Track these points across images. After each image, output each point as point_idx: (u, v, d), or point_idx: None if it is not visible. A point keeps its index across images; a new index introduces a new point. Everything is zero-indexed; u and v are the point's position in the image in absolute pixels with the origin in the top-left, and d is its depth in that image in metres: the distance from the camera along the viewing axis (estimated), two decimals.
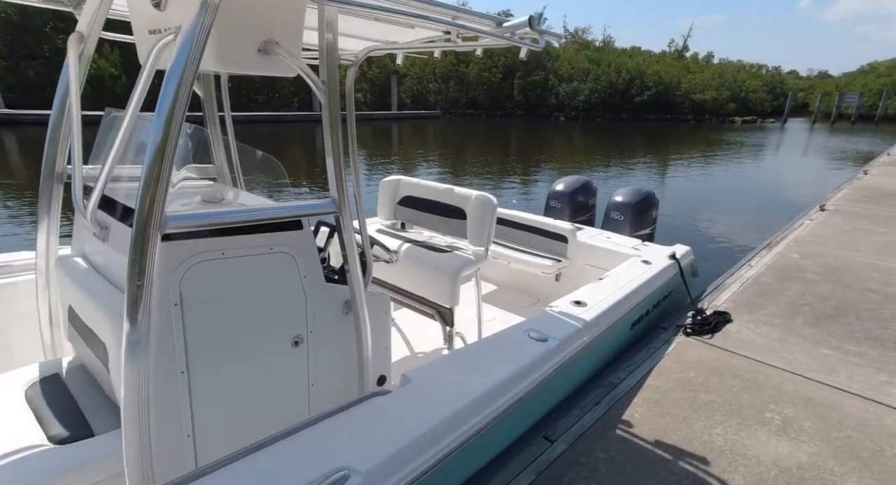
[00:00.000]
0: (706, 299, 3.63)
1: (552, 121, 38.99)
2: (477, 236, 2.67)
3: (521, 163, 15.28)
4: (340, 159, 1.63)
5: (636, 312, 2.87)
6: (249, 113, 28.80)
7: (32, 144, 15.43)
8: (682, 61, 51.14)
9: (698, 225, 8.11)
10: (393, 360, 2.98)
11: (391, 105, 37.41)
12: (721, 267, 4.49)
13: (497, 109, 42.09)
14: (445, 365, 1.88)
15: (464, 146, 21.10)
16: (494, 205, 2.63)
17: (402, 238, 2.84)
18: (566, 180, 4.90)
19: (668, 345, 2.94)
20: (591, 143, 24.98)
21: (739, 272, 4.20)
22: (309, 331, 1.77)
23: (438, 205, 2.89)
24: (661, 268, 3.21)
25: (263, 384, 1.64)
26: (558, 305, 2.48)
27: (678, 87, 43.64)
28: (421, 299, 2.68)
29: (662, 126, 37.03)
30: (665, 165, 15.96)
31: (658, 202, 4.59)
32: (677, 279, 3.38)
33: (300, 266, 1.70)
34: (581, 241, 3.70)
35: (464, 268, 2.54)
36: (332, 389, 1.84)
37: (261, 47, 1.49)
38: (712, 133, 31.61)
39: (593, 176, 12.77)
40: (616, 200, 4.43)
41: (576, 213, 4.82)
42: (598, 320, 2.43)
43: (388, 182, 3.12)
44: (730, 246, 6.67)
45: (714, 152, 20.07)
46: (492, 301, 3.86)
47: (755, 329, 3.15)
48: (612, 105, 41.72)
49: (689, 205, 9.59)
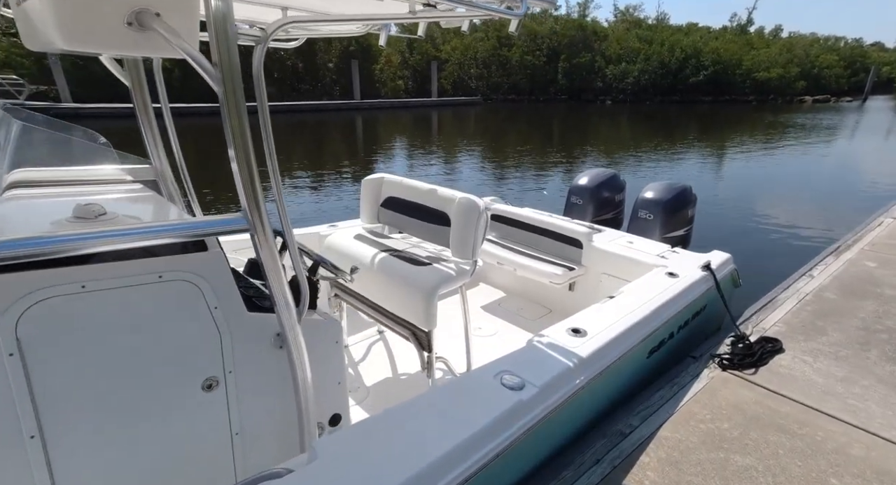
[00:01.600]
0: (751, 320, 3.02)
1: (597, 105, 37.20)
2: (460, 247, 2.24)
3: (561, 151, 14.48)
4: (251, 164, 1.25)
5: (655, 337, 2.36)
6: (292, 102, 29.30)
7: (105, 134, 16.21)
8: (744, 37, 47.21)
9: (750, 224, 7.20)
10: (371, 383, 2.64)
11: (431, 92, 36.95)
12: (773, 278, 3.80)
13: (540, 94, 40.68)
14: (372, 429, 1.49)
15: (503, 133, 20.39)
16: (480, 210, 2.18)
17: (380, 246, 2.46)
18: (590, 173, 4.34)
19: (697, 380, 2.40)
20: (639, 128, 23.51)
21: (796, 285, 3.52)
22: (227, 371, 1.47)
23: (422, 208, 2.48)
24: (690, 282, 2.66)
25: (162, 440, 1.36)
26: (549, 334, 2.02)
27: (739, 66, 40.38)
28: (396, 319, 2.30)
29: (719, 108, 34.42)
30: (718, 153, 14.65)
31: (695, 199, 3.94)
32: (712, 294, 2.81)
33: (207, 295, 1.37)
34: (598, 246, 3.17)
35: (441, 285, 2.12)
36: (267, 435, 1.56)
37: (131, 20, 1.13)
38: (776, 114, 28.98)
39: (636, 166, 11.87)
40: (645, 197, 3.83)
41: (600, 210, 4.25)
42: (598, 356, 1.95)
43: (369, 181, 2.74)
44: (787, 250, 5.82)
45: (776, 137, 18.27)
46: (496, 311, 3.43)
47: (813, 363, 2.54)
48: (664, 87, 39.24)
49: (741, 199, 8.62)
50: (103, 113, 22.15)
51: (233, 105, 1.19)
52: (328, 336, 1.70)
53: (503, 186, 9.86)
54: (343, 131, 20.34)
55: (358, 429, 1.53)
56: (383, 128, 22.66)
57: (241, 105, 1.21)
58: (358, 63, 32.42)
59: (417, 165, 12.29)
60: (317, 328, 1.67)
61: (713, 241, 5.81)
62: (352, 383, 2.60)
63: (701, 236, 5.35)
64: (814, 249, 4.82)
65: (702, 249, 3.34)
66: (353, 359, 2.83)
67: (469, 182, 10.21)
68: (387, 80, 37.30)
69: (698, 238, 4.04)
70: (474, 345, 3.00)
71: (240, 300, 1.46)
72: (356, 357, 2.85)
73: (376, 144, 16.85)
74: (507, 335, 3.11)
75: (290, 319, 1.42)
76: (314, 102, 30.32)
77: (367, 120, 25.42)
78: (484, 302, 3.57)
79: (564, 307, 3.43)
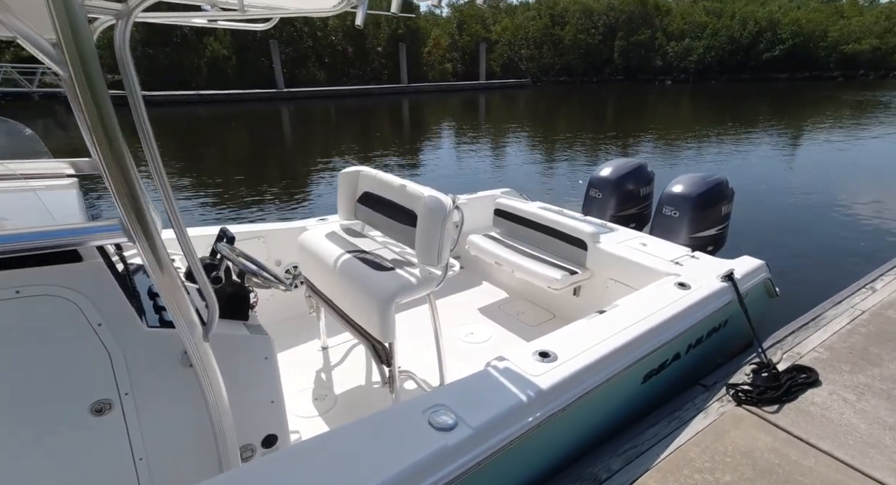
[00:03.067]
0: (785, 342, 2.56)
1: (656, 86, 34.87)
2: (425, 251, 1.98)
3: (614, 136, 13.63)
4: (122, 159, 1.07)
5: (653, 359, 2.02)
6: (340, 87, 29.67)
7: (162, 121, 17.22)
8: (833, 5, 42.27)
9: (811, 222, 6.35)
10: (340, 391, 2.48)
11: (479, 74, 36.14)
12: (828, 289, 3.25)
13: (594, 75, 38.73)
14: (300, 455, 1.34)
15: (551, 118, 19.56)
16: (445, 211, 1.91)
17: (348, 246, 2.26)
18: (613, 164, 3.90)
19: (704, 415, 2.03)
20: (701, 110, 21.76)
21: (852, 299, 2.97)
22: (122, 393, 1.36)
23: (394, 206, 2.25)
24: (704, 294, 2.26)
25: (48, 468, 1.28)
26: (511, 359, 1.74)
27: (824, 38, 36.33)
28: (358, 327, 2.10)
29: (796, 86, 31.22)
30: (784, 137, 13.20)
31: (732, 194, 3.43)
32: (736, 308, 2.39)
33: (88, 312, 1.25)
34: (604, 248, 2.81)
35: (399, 294, 1.89)
36: (183, 459, 1.45)
37: None
38: (864, 92, 25.82)
39: (685, 155, 10.94)
40: (671, 192, 3.37)
41: (623, 205, 3.82)
42: (567, 386, 1.65)
43: (346, 174, 2.53)
44: (852, 257, 5.05)
45: (860, 118, 16.23)
46: (494, 314, 3.16)
47: (856, 402, 2.08)
48: (732, 64, 36.08)
49: (807, 193, 7.65)
50: (169, 100, 23.42)
51: (84, 91, 1.00)
52: (257, 352, 1.55)
53: (545, 175, 9.38)
54: (385, 117, 20.30)
55: (286, 453, 1.38)
56: (428, 112, 22.43)
57: (99, 90, 1.02)
58: (406, 46, 32.22)
59: (457, 153, 11.98)
60: (243, 344, 1.52)
61: (758, 242, 5.15)
62: (321, 390, 2.45)
63: (746, 235, 4.75)
64: (885, 257, 4.12)
65: (740, 252, 2.90)
66: (329, 363, 2.68)
67: (507, 171, 9.80)
68: (434, 63, 36.85)
69: (743, 238, 3.53)
70: (462, 352, 2.75)
71: (134, 316, 1.32)
72: (332, 361, 2.70)
73: (419, 129, 16.67)
74: (501, 343, 2.83)
75: (194, 336, 1.28)
76: (358, 87, 30.53)
77: (413, 104, 25.26)
78: (483, 303, 3.30)
79: (569, 313, 3.10)
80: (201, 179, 8.79)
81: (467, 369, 1.73)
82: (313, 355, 2.72)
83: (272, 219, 6.65)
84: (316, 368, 2.62)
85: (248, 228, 2.81)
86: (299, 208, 7.25)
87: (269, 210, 7.03)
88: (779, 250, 4.92)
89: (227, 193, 7.84)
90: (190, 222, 5.79)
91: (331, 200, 7.97)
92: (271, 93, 26.78)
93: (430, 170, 9.82)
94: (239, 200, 7.44)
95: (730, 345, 2.67)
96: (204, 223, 6.12)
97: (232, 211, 6.96)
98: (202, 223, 6.23)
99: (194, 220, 6.47)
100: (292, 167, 10.35)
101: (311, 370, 2.60)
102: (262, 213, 6.91)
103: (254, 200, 7.49)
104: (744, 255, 2.80)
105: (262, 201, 7.43)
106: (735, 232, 3.66)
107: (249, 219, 6.59)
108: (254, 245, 2.78)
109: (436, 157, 11.35)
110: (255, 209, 7.05)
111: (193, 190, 8.03)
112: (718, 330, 2.46)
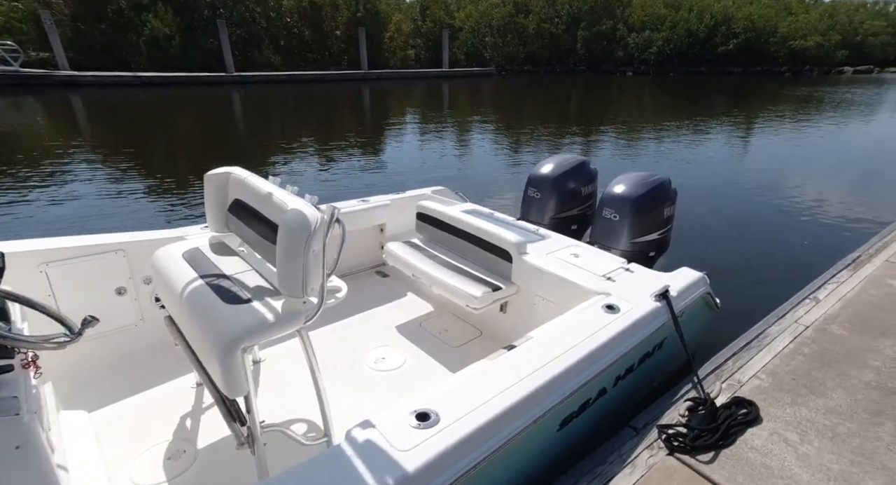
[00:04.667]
0: (725, 367, 2.31)
1: (618, 77, 35.23)
2: (287, 279, 1.55)
3: (575, 132, 13.44)
4: None
5: (572, 401, 1.70)
6: (296, 72, 28.37)
7: (97, 106, 15.79)
8: (782, 1, 43.82)
9: (750, 227, 6.28)
10: (201, 445, 2.04)
11: (442, 61, 35.43)
12: (768, 299, 3.04)
13: (557, 65, 38.75)
14: None
15: (515, 109, 19.24)
16: (310, 230, 1.49)
17: (205, 269, 1.80)
18: (554, 160, 3.58)
19: (630, 470, 1.73)
20: (660, 103, 22.01)
21: (795, 313, 2.76)
22: None
23: (262, 218, 1.81)
24: (634, 319, 1.97)
25: None
26: (380, 425, 1.36)
27: (774, 33, 37.62)
28: (205, 372, 1.67)
29: (749, 80, 32.22)
30: (735, 132, 13.42)
31: (675, 195, 3.18)
32: (668, 330, 2.12)
33: None
34: (530, 261, 2.47)
35: (248, 337, 1.46)
36: None
37: None
38: (809, 88, 26.87)
39: (638, 150, 10.87)
40: (612, 192, 3.07)
41: (563, 206, 3.52)
42: (448, 460, 1.30)
43: (212, 177, 2.05)
44: (792, 261, 4.96)
45: (804, 114, 16.76)
46: (414, 333, 2.78)
47: (799, 444, 1.83)
48: (690, 57, 36.89)
49: (755, 191, 7.65)
50: (102, 81, 21.68)
51: None
52: (7, 442, 1.10)
53: (512, 167, 9.04)
54: (343, 105, 19.46)
55: None
56: (390, 100, 21.72)
57: None
58: (366, 30, 31.11)
59: (415, 144, 11.48)
60: None
61: (701, 247, 4.96)
62: (178, 445, 1.99)
63: (688, 241, 4.54)
64: (831, 254, 3.99)
65: (683, 257, 2.63)
66: (200, 405, 2.23)
67: (464, 164, 9.40)
68: (396, 50, 35.85)
69: (685, 243, 3.29)
70: (368, 384, 2.36)
71: None
72: (204, 403, 2.24)
73: (378, 118, 16.03)
74: (414, 371, 2.46)
75: None
76: (314, 73, 29.28)
77: (374, 92, 24.43)
78: (403, 319, 2.92)
79: (496, 331, 2.77)
80: (122, 171, 7.95)
81: (371, 406, 1.33)
82: (185, 394, 2.26)
83: (183, 223, 5.85)
84: (183, 411, 2.17)
85: (102, 240, 2.30)
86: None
87: (181, 212, 6.29)
88: (722, 257, 4.76)
89: (139, 191, 7.07)
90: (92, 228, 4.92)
91: None
92: (220, 76, 25.24)
93: (385, 162, 9.31)
94: (154, 201, 6.68)
95: (667, 367, 2.40)
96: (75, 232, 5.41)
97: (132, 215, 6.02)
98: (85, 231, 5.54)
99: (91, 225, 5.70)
100: (219, 158, 9.60)
101: (176, 414, 2.15)
102: (176, 214, 6.14)
103: (170, 200, 6.76)
104: (683, 266, 2.53)
105: (183, 200, 6.71)
106: (679, 237, 3.42)
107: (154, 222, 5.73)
108: (108, 260, 2.28)
109: (394, 148, 10.83)
110: (172, 211, 6.33)
111: (107, 184, 7.21)
112: (653, 354, 2.18)
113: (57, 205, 6.16)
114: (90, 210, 6.02)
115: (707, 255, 4.69)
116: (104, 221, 5.64)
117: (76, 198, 6.45)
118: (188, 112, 15.99)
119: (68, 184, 7.04)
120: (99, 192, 6.77)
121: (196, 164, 8.68)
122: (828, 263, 3.58)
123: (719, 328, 2.97)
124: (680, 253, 4.66)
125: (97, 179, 7.37)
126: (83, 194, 6.59)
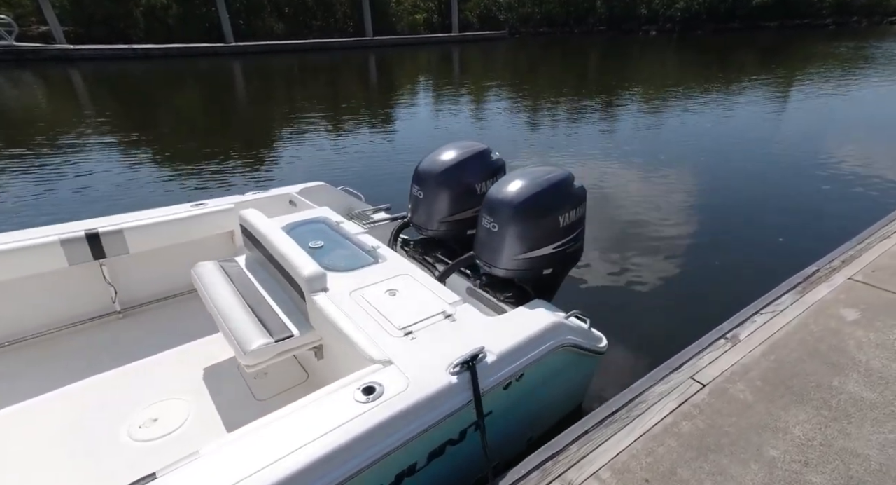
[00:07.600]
0: (558, 460, 1.73)
1: (640, 37, 32.83)
2: None
3: (593, 95, 12.42)
4: None
5: None
6: (296, 41, 27.44)
7: (93, 79, 15.55)
8: None
9: (758, 219, 5.45)
10: None
11: (451, 26, 33.72)
12: (686, 340, 2.40)
13: (576, 26, 36.40)
14: None
15: (528, 73, 18.04)
16: None
17: None
18: (446, 149, 2.81)
19: None
20: (686, 64, 20.31)
21: (696, 361, 2.14)
22: None
23: None
24: (399, 408, 1.43)
25: None
26: None
27: None
28: None
29: (786, 35, 29.47)
30: (747, 99, 12.09)
31: (584, 196, 2.43)
32: (494, 402, 1.58)
33: None
34: (321, 305, 1.91)
35: None
36: None
37: None
38: (854, 42, 24.28)
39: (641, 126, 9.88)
40: (491, 195, 2.37)
41: (456, 206, 2.80)
42: None
43: None
44: (741, 277, 4.19)
45: (845, 72, 15.04)
46: (219, 378, 2.32)
47: None
48: (720, 12, 33.94)
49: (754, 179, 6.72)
50: (98, 54, 21.43)
51: None
52: None
53: (521, 140, 8.30)
54: (348, 75, 18.62)
55: None
56: (396, 68, 20.76)
57: None
58: None
59: (421, 117, 10.78)
60: None
61: (608, 264, 4.11)
62: None
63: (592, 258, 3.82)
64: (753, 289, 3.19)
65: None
66: None
67: (485, 135, 8.71)
68: (404, 14, 34.25)
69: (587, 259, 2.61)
70: (119, 459, 1.86)
71: None
72: None
73: (384, 88, 15.25)
74: (186, 440, 1.96)
75: None
76: (316, 40, 28.26)
77: (379, 60, 23.41)
78: (216, 359, 2.43)
79: (324, 377, 2.27)
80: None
81: None
82: None
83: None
84: None
85: None
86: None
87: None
88: (651, 267, 4.03)
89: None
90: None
91: (289, 170, 6.80)
92: (217, 47, 24.60)
93: (392, 135, 8.70)
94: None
95: (470, 470, 1.79)
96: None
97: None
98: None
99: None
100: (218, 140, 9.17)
101: None
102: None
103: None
104: (535, 300, 1.95)
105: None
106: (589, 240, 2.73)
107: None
108: None
109: (402, 119, 10.28)
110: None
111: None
112: (443, 454, 1.60)
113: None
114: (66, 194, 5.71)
115: (633, 266, 3.98)
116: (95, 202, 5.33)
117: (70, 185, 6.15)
118: (179, 86, 15.56)
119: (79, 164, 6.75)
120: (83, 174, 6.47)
121: (170, 144, 8.27)
122: (778, 277, 2.86)
123: (611, 372, 2.39)
124: (600, 266, 3.93)
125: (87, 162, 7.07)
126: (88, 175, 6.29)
